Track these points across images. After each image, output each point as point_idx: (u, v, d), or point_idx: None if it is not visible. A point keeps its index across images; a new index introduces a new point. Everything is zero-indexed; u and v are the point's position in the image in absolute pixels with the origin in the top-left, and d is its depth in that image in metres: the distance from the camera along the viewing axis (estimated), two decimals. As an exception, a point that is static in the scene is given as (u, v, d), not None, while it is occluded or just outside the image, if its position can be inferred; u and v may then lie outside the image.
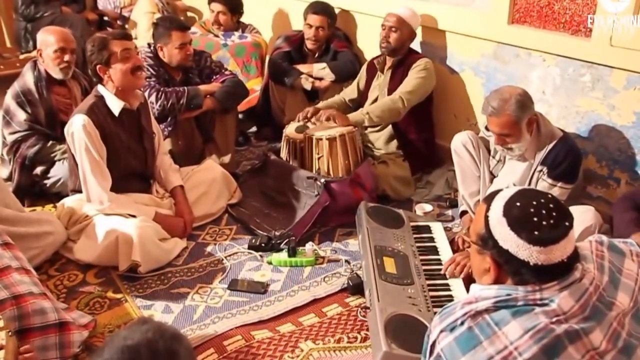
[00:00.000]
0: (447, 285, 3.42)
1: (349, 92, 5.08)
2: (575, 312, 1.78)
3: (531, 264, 1.78)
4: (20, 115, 4.50)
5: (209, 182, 4.40)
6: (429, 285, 3.37)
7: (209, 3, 6.04)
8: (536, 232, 1.77)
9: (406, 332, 2.85)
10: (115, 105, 3.89)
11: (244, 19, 6.19)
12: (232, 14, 5.99)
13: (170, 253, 3.90)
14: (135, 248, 3.63)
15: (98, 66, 3.80)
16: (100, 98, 3.89)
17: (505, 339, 1.74)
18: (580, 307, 1.79)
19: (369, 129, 4.85)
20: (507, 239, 1.80)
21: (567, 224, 1.80)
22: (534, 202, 1.82)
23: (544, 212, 1.80)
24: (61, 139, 4.48)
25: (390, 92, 4.67)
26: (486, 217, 1.88)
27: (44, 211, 4.06)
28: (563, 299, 1.78)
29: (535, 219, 1.79)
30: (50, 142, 4.52)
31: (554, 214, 1.80)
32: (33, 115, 4.50)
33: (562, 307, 1.77)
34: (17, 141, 4.53)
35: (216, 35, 5.94)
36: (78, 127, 3.74)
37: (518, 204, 1.84)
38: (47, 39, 4.47)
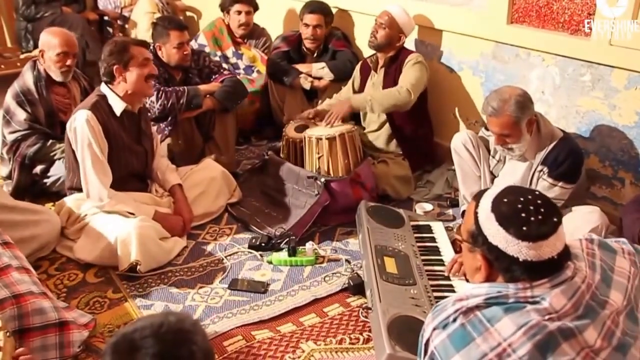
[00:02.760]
0: (451, 286, 3.41)
1: (345, 93, 5.07)
2: (567, 311, 1.78)
3: (521, 259, 1.78)
4: (20, 115, 4.50)
5: (208, 180, 4.40)
6: (432, 285, 3.36)
7: (231, 5, 5.86)
8: (524, 228, 1.77)
9: (410, 333, 2.80)
10: (118, 106, 3.91)
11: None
12: (254, 12, 5.96)
13: (170, 253, 3.90)
14: (135, 247, 3.64)
15: (116, 66, 3.84)
16: (103, 97, 3.91)
17: (499, 336, 1.75)
18: (573, 305, 1.79)
19: (367, 130, 4.87)
20: (496, 234, 1.81)
21: (555, 219, 1.80)
22: (522, 198, 1.83)
23: (531, 207, 1.81)
24: (61, 138, 4.48)
25: (384, 89, 4.67)
26: (475, 214, 1.89)
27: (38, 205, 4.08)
28: (554, 297, 1.78)
29: (523, 214, 1.80)
30: (50, 141, 4.52)
31: (542, 209, 1.81)
32: (33, 115, 4.50)
33: (554, 305, 1.77)
34: (16, 140, 4.53)
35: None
36: (81, 122, 3.76)
37: (506, 200, 1.84)
38: (51, 41, 4.47)
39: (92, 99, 3.91)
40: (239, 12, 5.81)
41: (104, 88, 3.94)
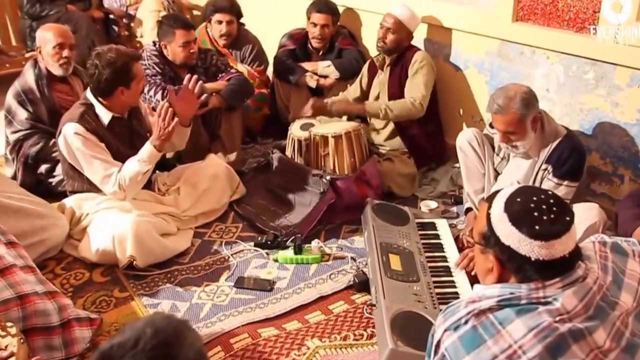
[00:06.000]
0: (453, 282, 3.45)
1: (352, 92, 5.09)
2: (578, 312, 1.79)
3: (533, 259, 1.78)
4: (22, 114, 4.52)
5: (211, 178, 4.38)
6: (434, 282, 3.39)
7: (212, 14, 5.65)
8: (537, 227, 1.78)
9: (412, 329, 2.86)
10: (106, 116, 3.90)
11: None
12: (237, 22, 5.73)
13: (170, 249, 3.91)
14: (131, 243, 3.65)
15: (120, 88, 3.82)
16: (90, 106, 3.89)
17: (510, 338, 1.75)
18: (584, 306, 1.80)
19: (372, 126, 4.89)
20: (509, 234, 1.81)
21: (567, 218, 1.81)
22: (534, 198, 1.84)
23: (544, 207, 1.81)
24: None
25: (390, 88, 4.71)
26: (488, 215, 1.89)
27: (44, 203, 4.05)
28: (567, 298, 1.78)
29: (535, 213, 1.80)
30: (53, 140, 4.48)
31: (554, 209, 1.81)
32: (35, 114, 4.52)
33: (566, 306, 1.77)
34: (19, 140, 4.55)
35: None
36: (71, 136, 3.78)
37: (518, 199, 1.85)
38: (46, 36, 4.49)
39: (79, 109, 3.87)
40: (220, 22, 5.59)
41: (89, 95, 3.91)
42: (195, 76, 4.26)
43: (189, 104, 4.22)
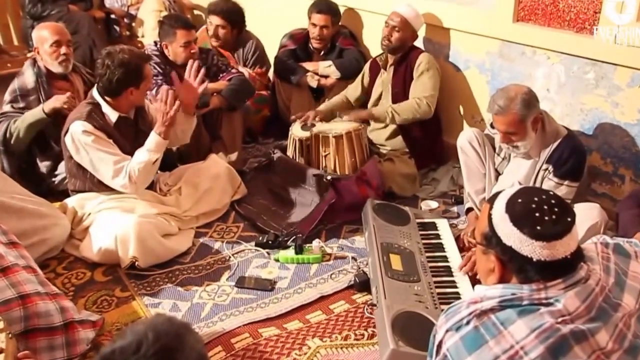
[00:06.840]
0: (454, 282, 3.45)
1: (352, 91, 5.10)
2: (581, 313, 1.79)
3: (534, 259, 1.78)
4: (7, 110, 4.52)
5: (212, 178, 4.39)
6: (435, 282, 3.39)
7: (208, 15, 5.68)
8: (538, 227, 1.78)
9: (413, 329, 2.86)
10: (112, 115, 3.92)
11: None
12: (232, 28, 5.66)
13: (172, 250, 3.92)
14: (133, 244, 3.67)
15: (131, 89, 3.86)
16: (97, 105, 3.91)
17: (511, 339, 1.75)
18: (586, 308, 1.80)
19: (373, 126, 4.89)
20: (510, 234, 1.81)
21: (569, 219, 1.81)
22: (536, 199, 1.84)
23: (545, 207, 1.81)
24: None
25: (394, 88, 4.71)
26: (489, 215, 1.89)
27: (47, 204, 4.05)
28: (569, 299, 1.78)
29: (537, 214, 1.80)
30: (14, 119, 4.44)
31: (556, 209, 1.81)
32: (23, 111, 4.47)
33: (568, 307, 1.77)
34: None
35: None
36: (79, 133, 3.78)
37: (520, 200, 1.85)
38: (42, 34, 4.48)
39: (86, 107, 3.88)
40: (211, 23, 5.61)
41: (96, 94, 3.93)
42: (197, 62, 4.29)
43: (192, 90, 4.22)
